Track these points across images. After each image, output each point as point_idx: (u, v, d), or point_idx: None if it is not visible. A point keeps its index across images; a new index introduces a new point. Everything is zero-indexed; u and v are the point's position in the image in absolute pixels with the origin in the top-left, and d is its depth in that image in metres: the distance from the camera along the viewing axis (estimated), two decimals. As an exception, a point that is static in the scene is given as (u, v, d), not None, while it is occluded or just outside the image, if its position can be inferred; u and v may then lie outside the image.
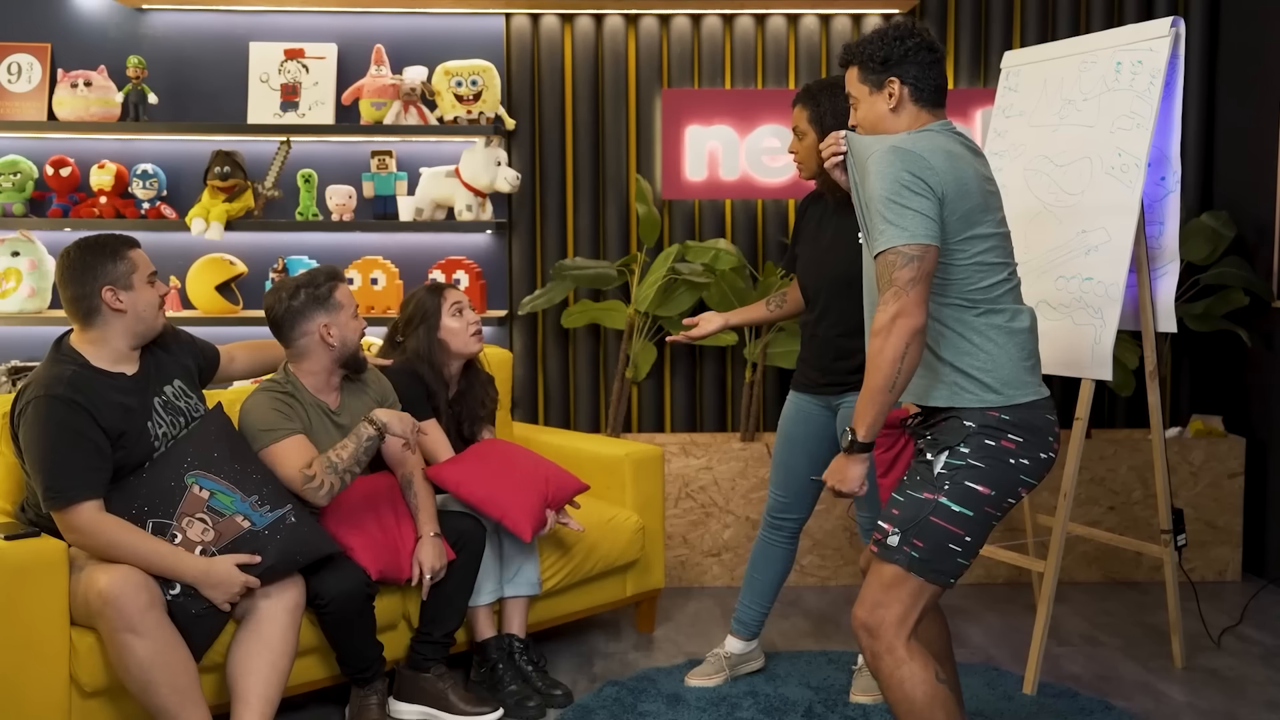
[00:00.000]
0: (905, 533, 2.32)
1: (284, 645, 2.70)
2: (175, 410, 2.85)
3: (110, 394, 2.70)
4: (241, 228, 4.28)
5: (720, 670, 3.32)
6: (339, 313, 2.99)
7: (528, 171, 4.53)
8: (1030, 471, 2.36)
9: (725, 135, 4.46)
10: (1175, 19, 3.23)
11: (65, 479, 2.59)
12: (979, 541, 2.34)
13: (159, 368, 2.86)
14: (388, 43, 4.46)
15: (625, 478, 3.70)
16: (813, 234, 3.22)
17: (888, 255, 2.26)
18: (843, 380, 3.15)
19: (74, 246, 2.74)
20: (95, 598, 2.52)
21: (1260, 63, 4.36)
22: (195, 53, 4.46)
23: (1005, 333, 2.38)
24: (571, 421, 4.61)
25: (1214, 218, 4.34)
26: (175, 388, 2.88)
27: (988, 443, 2.33)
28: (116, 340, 2.75)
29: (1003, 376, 2.36)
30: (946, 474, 2.33)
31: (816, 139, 3.07)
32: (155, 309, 2.80)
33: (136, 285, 2.75)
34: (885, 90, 2.43)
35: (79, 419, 2.62)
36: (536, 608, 3.38)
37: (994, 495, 2.32)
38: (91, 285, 2.70)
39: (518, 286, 4.57)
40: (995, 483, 2.33)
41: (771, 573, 3.34)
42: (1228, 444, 4.27)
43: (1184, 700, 3.22)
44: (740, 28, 4.54)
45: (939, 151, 2.31)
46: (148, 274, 2.79)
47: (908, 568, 2.30)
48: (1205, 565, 4.30)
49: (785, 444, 3.28)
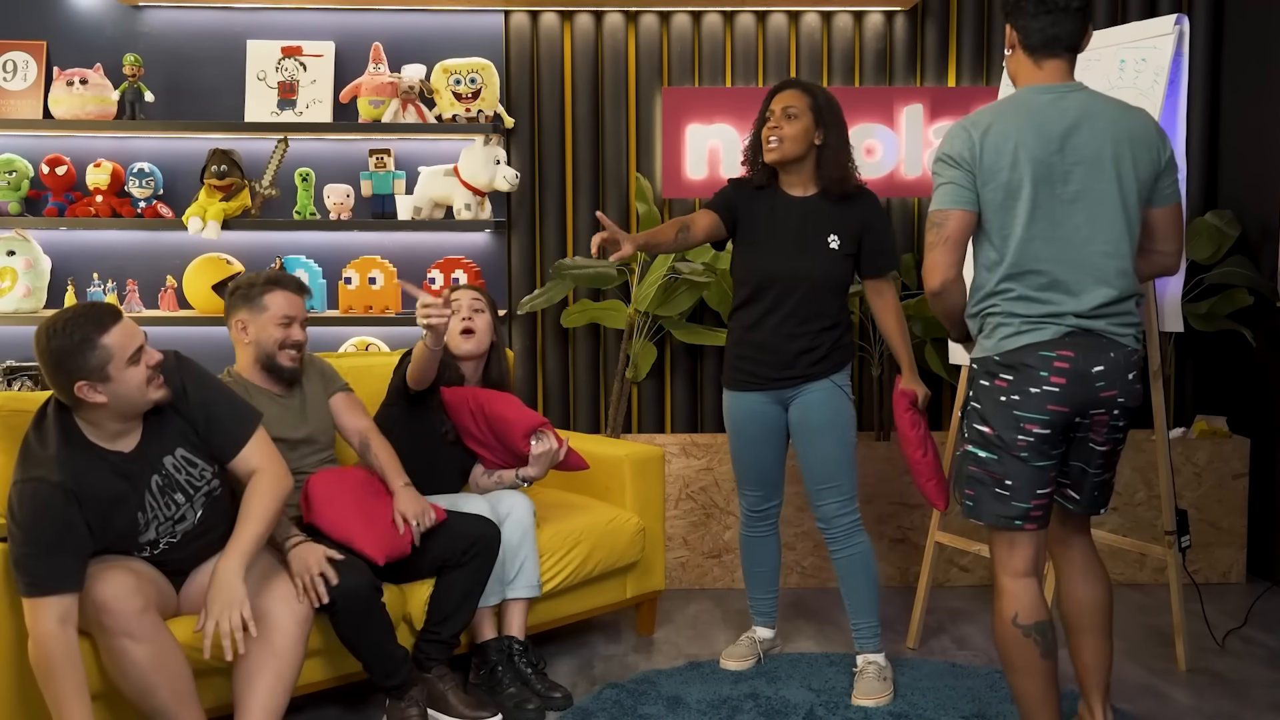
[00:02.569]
0: (959, 487, 2.59)
1: (292, 656, 2.66)
2: (173, 487, 2.67)
3: (105, 481, 2.55)
4: (239, 227, 4.26)
5: (754, 653, 3.43)
6: (261, 314, 3.09)
7: (527, 170, 4.51)
8: (1023, 405, 2.47)
9: (726, 134, 4.44)
10: (1179, 16, 3.21)
11: (43, 568, 2.44)
12: (1028, 482, 2.49)
13: (161, 435, 2.66)
14: (386, 40, 4.43)
15: (625, 479, 3.68)
16: (765, 228, 3.22)
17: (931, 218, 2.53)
18: (804, 373, 3.20)
19: (44, 331, 2.48)
20: (90, 604, 2.50)
21: (1265, 60, 4.34)
22: (192, 50, 4.44)
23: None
24: (571, 422, 4.59)
25: (1218, 217, 4.32)
26: (177, 459, 2.68)
27: (982, 383, 2.54)
28: (106, 423, 2.56)
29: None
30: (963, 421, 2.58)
31: (810, 125, 3.15)
32: (142, 389, 2.54)
33: (115, 374, 2.48)
34: (1009, 38, 2.61)
35: (63, 502, 2.47)
36: (536, 610, 3.36)
37: (1001, 435, 2.50)
38: (65, 381, 2.48)
39: (517, 286, 4.54)
40: (995, 420, 2.50)
41: (770, 561, 3.45)
42: (1232, 445, 4.25)
43: (1188, 703, 3.20)
44: (741, 25, 4.52)
45: (985, 124, 2.50)
46: (128, 355, 2.50)
47: (971, 518, 2.57)
48: (1209, 567, 4.28)
49: (746, 444, 3.32)
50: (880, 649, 3.26)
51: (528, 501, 3.31)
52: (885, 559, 4.27)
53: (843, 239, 3.18)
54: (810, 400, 3.21)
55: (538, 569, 3.27)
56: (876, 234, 3.21)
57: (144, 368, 2.54)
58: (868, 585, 3.23)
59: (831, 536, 3.24)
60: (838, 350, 3.22)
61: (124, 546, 2.63)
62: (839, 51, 4.52)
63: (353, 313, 4.29)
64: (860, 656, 3.27)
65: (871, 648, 3.25)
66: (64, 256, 4.42)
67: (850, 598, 3.26)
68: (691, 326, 4.37)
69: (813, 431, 3.21)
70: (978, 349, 2.56)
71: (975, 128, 2.49)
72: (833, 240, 3.17)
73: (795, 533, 4.25)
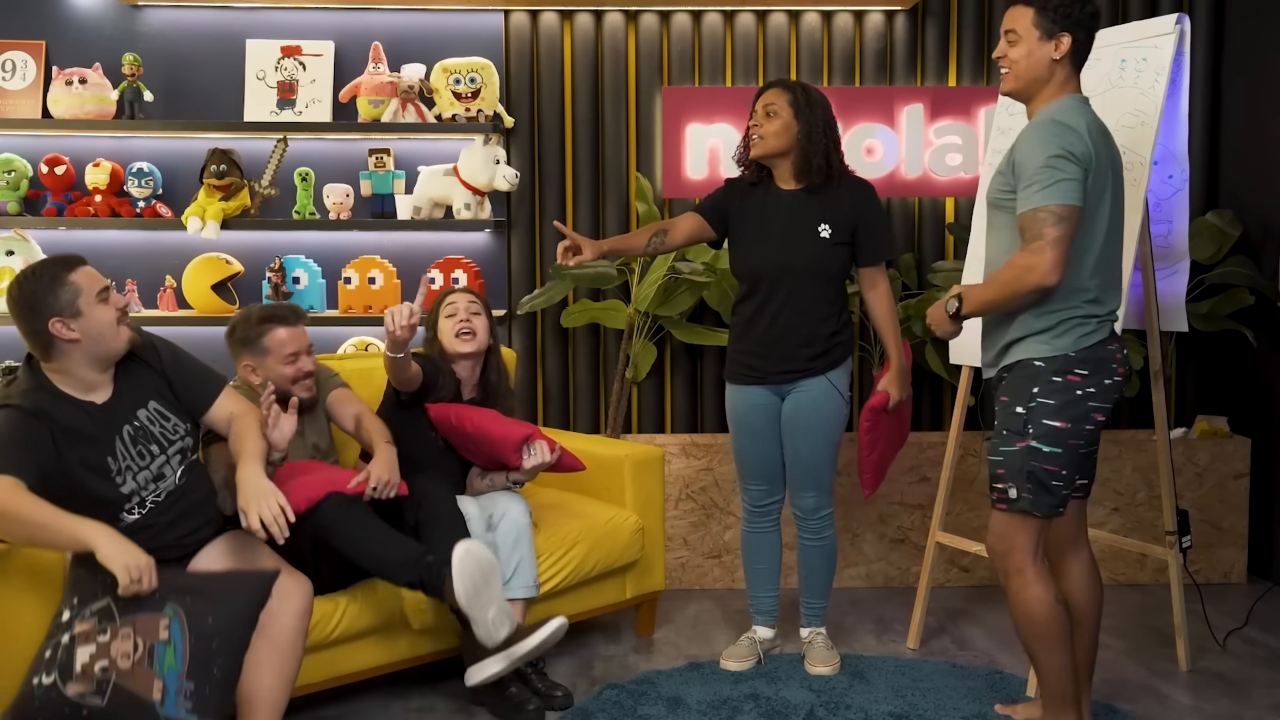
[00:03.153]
0: (1018, 483, 2.62)
1: (292, 650, 2.66)
2: (147, 438, 2.69)
3: (75, 419, 2.59)
4: (238, 226, 4.25)
5: (754, 654, 3.45)
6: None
7: (527, 170, 4.50)
8: (1096, 397, 2.62)
9: (726, 133, 4.43)
10: (1180, 16, 3.20)
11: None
12: (1075, 470, 2.65)
13: (135, 389, 2.72)
14: (385, 40, 4.43)
15: (625, 479, 3.67)
16: (757, 222, 3.30)
17: (1039, 212, 2.52)
18: (803, 367, 3.26)
19: (15, 281, 2.60)
20: None
21: (1266, 60, 4.33)
22: (191, 50, 4.43)
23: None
24: (571, 422, 4.58)
25: (1219, 216, 4.31)
26: (150, 411, 2.72)
27: (1054, 380, 2.60)
28: (79, 370, 2.61)
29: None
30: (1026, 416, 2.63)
31: (791, 121, 3.22)
32: (113, 327, 2.62)
33: (85, 309, 2.57)
34: (1055, 41, 2.62)
35: (32, 426, 2.52)
36: (535, 610, 3.35)
37: (1071, 427, 2.60)
38: (39, 320, 2.55)
39: (517, 286, 4.53)
40: (1069, 416, 2.61)
41: (772, 558, 3.49)
42: (1233, 445, 4.24)
43: (1189, 703, 3.19)
44: (741, 25, 4.51)
45: (1092, 124, 2.60)
46: (96, 292, 2.60)
47: (1030, 510, 2.62)
48: (1210, 567, 4.27)
49: (749, 437, 3.37)
50: (824, 623, 3.52)
51: (523, 502, 3.30)
52: (885, 559, 4.26)
53: (835, 227, 3.24)
54: (803, 398, 3.28)
55: (534, 569, 3.26)
56: (870, 222, 3.28)
57: (113, 308, 2.63)
58: (827, 572, 3.46)
59: (806, 527, 3.41)
60: (836, 346, 3.27)
61: (106, 496, 2.60)
62: (839, 51, 4.51)
63: (352, 313, 4.28)
64: (808, 630, 3.48)
65: (818, 623, 3.49)
66: (63, 256, 4.41)
67: (809, 580, 3.46)
68: (691, 326, 4.37)
69: (802, 429, 3.30)
70: (1045, 347, 2.61)
71: (1082, 128, 2.56)
72: (823, 229, 3.23)
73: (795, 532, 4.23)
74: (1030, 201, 2.54)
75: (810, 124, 3.22)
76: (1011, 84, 2.70)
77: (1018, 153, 2.60)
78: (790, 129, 3.22)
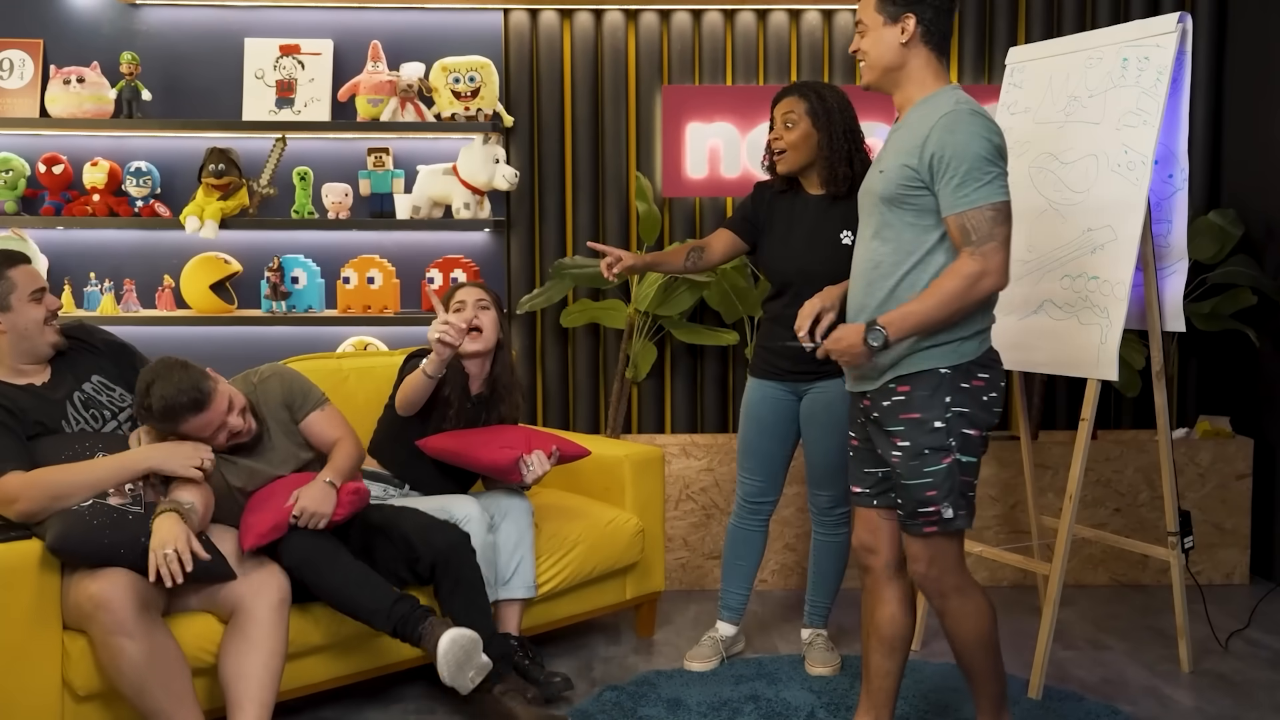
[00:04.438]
0: (953, 501, 2.48)
1: (274, 644, 2.66)
2: (96, 405, 2.86)
3: (18, 398, 2.75)
4: (236, 226, 4.23)
5: (718, 654, 3.45)
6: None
7: (526, 169, 4.49)
8: (998, 400, 2.53)
9: (726, 132, 4.42)
10: (1182, 14, 3.20)
11: None
12: (977, 480, 2.56)
13: (74, 369, 2.87)
14: (384, 38, 4.41)
15: (625, 479, 3.66)
16: (784, 228, 3.32)
17: (984, 210, 2.39)
18: (816, 370, 3.25)
19: None
20: (86, 601, 2.49)
21: (1268, 59, 4.32)
22: (189, 49, 4.42)
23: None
24: (571, 422, 4.56)
25: (1221, 216, 4.29)
26: (94, 383, 2.89)
27: (962, 386, 2.48)
28: (7, 359, 2.79)
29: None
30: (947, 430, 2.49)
31: (810, 130, 3.20)
32: (39, 326, 2.79)
33: (15, 305, 2.75)
34: (900, 25, 2.50)
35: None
36: (534, 611, 3.34)
37: (980, 435, 2.52)
38: None
39: (516, 285, 4.52)
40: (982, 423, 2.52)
41: (753, 557, 3.49)
42: (1235, 445, 4.22)
43: (1191, 705, 3.18)
44: (741, 23, 4.49)
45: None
46: (29, 292, 2.77)
47: (964, 526, 2.52)
48: (1212, 568, 4.26)
49: (756, 428, 3.39)
50: (827, 625, 3.52)
51: (526, 503, 3.29)
52: (886, 560, 4.25)
53: (856, 234, 3.20)
54: (820, 398, 3.30)
55: (534, 570, 3.25)
56: None
57: (44, 309, 2.79)
58: (837, 570, 3.45)
59: (820, 523, 3.43)
60: None
61: (59, 450, 2.71)
62: (840, 49, 4.50)
63: (351, 312, 4.27)
64: (809, 630, 3.48)
65: (821, 623, 3.50)
66: (61, 256, 4.40)
67: (818, 577, 3.47)
68: (691, 326, 4.36)
69: (819, 429, 3.31)
70: (953, 354, 2.46)
71: (994, 122, 2.48)
72: (845, 236, 3.23)
73: (796, 533, 4.23)
74: (971, 199, 2.38)
75: (830, 131, 3.20)
76: (868, 76, 2.58)
77: (939, 145, 2.40)
78: (811, 138, 3.21)
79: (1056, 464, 4.20)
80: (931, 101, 2.49)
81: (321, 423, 3.07)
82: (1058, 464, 4.20)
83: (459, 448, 3.22)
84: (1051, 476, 4.20)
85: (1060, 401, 4.60)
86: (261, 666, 2.63)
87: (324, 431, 3.06)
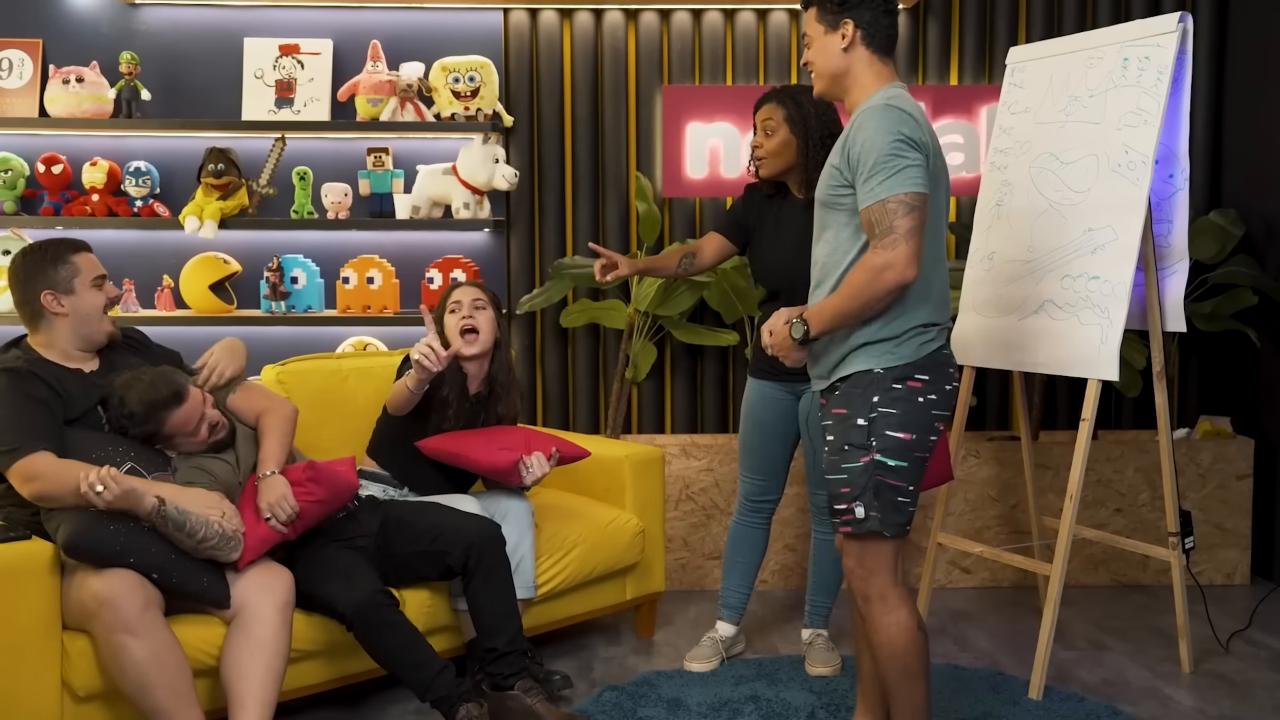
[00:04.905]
0: (865, 501, 2.45)
1: (277, 645, 2.66)
2: None
3: (65, 381, 2.76)
4: (236, 226, 4.23)
5: (718, 654, 3.45)
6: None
7: (526, 169, 4.48)
8: (939, 404, 2.49)
9: (726, 132, 4.41)
10: (1183, 14, 3.19)
11: (19, 436, 2.60)
12: (917, 484, 2.50)
13: (125, 364, 2.88)
14: (384, 38, 4.41)
15: (625, 479, 3.65)
16: (772, 231, 3.34)
17: (887, 203, 2.36)
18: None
19: (20, 252, 2.82)
20: (90, 599, 2.49)
21: (1269, 59, 4.31)
22: (189, 48, 4.42)
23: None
24: (570, 422, 4.56)
25: (1222, 216, 4.29)
26: None
27: (894, 387, 2.46)
28: (63, 342, 2.81)
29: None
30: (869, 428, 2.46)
31: (789, 136, 3.21)
32: (99, 312, 2.82)
33: (78, 289, 2.79)
34: (839, 31, 2.53)
35: (30, 384, 2.68)
36: (534, 612, 3.34)
37: (915, 439, 2.46)
38: (33, 290, 2.77)
39: (516, 285, 4.52)
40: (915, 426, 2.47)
41: (754, 556, 3.50)
42: (1236, 445, 4.22)
43: (1192, 705, 3.17)
44: (742, 23, 4.49)
45: (921, 113, 2.47)
46: (92, 278, 2.81)
47: (880, 530, 2.46)
48: (1213, 568, 4.25)
49: (756, 428, 3.39)
50: (828, 625, 3.54)
51: (526, 503, 3.29)
52: (886, 560, 4.24)
53: None
54: (816, 400, 3.25)
55: (533, 570, 3.25)
56: None
57: (104, 296, 2.83)
58: (837, 571, 3.44)
59: (821, 523, 3.43)
60: None
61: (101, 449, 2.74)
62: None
63: (350, 312, 4.26)
64: (810, 630, 3.50)
65: (822, 624, 3.50)
66: (60, 256, 4.39)
67: (818, 577, 3.48)
68: (691, 326, 4.35)
69: (817, 429, 3.30)
70: (887, 356, 2.46)
71: (916, 113, 2.43)
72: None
73: (797, 534, 4.22)
74: (875, 193, 2.37)
75: (807, 138, 3.21)
76: (818, 85, 2.61)
77: (854, 143, 2.43)
78: (790, 144, 3.22)
79: (1057, 464, 4.20)
80: (866, 102, 2.51)
81: (241, 401, 3.00)
82: (1058, 464, 4.20)
83: (458, 449, 3.22)
84: (1052, 477, 4.19)
85: (1061, 402, 4.60)
86: (264, 666, 2.63)
87: (249, 406, 2.99)
